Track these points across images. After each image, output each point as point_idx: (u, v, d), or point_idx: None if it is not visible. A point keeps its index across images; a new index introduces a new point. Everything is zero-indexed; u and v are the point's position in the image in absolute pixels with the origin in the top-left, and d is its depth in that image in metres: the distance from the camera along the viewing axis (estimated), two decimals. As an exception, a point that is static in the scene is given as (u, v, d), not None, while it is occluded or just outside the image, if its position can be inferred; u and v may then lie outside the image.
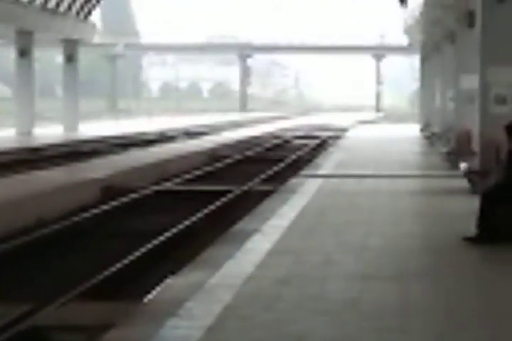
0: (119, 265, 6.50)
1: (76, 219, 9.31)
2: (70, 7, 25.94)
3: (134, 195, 11.63)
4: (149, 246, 7.45)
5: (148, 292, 4.80)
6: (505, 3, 14.93)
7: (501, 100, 11.29)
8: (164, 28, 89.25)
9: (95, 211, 10.06)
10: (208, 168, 16.65)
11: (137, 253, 6.90)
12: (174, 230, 8.73)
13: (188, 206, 11.20)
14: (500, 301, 4.05)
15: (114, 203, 11.28)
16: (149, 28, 79.61)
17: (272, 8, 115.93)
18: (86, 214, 9.74)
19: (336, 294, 4.15)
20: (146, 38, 66.31)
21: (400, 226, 7.33)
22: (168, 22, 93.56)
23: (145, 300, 4.51)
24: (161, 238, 7.84)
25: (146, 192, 12.11)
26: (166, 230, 7.79)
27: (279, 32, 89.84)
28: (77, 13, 27.67)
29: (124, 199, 11.28)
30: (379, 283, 4.57)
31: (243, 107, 58.48)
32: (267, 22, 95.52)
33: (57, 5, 24.99)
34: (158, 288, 4.70)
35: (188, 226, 8.70)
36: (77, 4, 26.50)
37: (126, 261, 6.45)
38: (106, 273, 6.04)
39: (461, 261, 5.49)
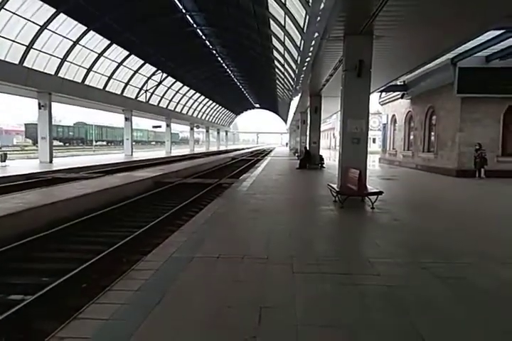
0: (235, 172, 20.07)
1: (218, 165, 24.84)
2: (224, 123, 69.95)
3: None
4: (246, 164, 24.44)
5: (240, 176, 16.18)
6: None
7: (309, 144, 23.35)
8: (242, 125, 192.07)
9: (229, 163, 28.43)
10: (252, 154, 43.07)
11: (238, 170, 21.77)
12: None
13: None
14: (302, 177, 16.00)
15: (235, 160, 29.42)
16: (240, 125, 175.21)
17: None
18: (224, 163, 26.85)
19: (273, 177, 15.06)
20: (239, 129, 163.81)
21: (284, 165, 21.69)
22: (243, 123, 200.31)
23: (240, 178, 14.97)
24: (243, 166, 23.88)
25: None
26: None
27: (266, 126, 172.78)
28: (227, 125, 75.40)
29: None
30: (282, 176, 15.67)
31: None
32: (264, 127, 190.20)
33: (220, 122, 67.19)
34: (241, 177, 15.20)
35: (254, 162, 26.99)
36: (227, 123, 76.81)
37: (236, 171, 21.11)
38: (231, 174, 19.72)
39: (295, 173, 17.52)
